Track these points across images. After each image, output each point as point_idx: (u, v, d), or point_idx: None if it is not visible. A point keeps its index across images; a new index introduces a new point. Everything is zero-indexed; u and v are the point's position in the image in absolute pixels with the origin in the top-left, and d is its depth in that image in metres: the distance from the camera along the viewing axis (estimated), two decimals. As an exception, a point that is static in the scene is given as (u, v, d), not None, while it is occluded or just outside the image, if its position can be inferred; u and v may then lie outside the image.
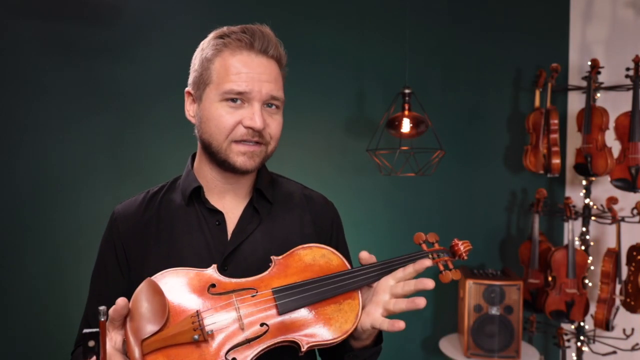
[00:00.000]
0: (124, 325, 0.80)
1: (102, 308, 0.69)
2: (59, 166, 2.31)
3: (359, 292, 0.91)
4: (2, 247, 2.25)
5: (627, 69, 2.48)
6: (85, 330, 0.67)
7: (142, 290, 0.82)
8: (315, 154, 2.67)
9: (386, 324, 0.87)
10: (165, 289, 0.84)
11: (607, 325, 2.54)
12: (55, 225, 2.30)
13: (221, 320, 0.83)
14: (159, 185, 1.10)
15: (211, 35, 0.99)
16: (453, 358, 2.47)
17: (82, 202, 2.33)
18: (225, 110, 0.94)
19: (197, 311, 0.83)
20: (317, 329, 0.86)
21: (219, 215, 1.01)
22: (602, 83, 2.67)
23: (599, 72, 2.60)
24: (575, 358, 2.76)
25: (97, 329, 0.67)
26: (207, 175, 1.03)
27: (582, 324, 2.71)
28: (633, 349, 2.61)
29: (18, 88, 2.24)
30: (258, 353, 0.82)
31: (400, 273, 0.91)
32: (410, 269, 0.91)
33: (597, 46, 2.85)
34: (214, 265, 0.90)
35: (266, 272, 0.91)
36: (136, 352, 0.77)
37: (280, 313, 0.85)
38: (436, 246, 0.98)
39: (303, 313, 0.87)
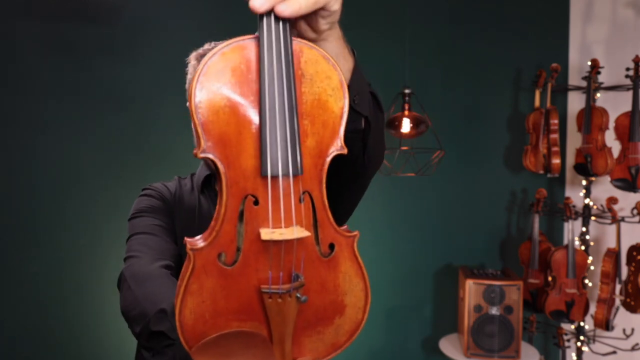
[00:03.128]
0: None
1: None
2: (59, 166, 2.30)
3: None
4: (2, 247, 2.26)
5: (627, 69, 2.47)
6: None
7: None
8: (315, 154, 2.67)
9: None
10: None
11: (607, 325, 2.54)
12: (55, 225, 2.30)
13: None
14: (180, 177, 1.20)
15: (192, 56, 1.05)
16: (453, 358, 2.47)
17: (82, 201, 2.32)
18: None
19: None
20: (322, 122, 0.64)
21: None
22: (602, 83, 2.67)
23: (599, 72, 2.60)
24: (575, 358, 2.76)
25: None
26: None
27: (582, 324, 2.71)
28: (633, 349, 2.61)
29: (18, 88, 2.24)
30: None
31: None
32: None
33: (597, 46, 2.84)
34: None
35: None
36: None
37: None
38: None
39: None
